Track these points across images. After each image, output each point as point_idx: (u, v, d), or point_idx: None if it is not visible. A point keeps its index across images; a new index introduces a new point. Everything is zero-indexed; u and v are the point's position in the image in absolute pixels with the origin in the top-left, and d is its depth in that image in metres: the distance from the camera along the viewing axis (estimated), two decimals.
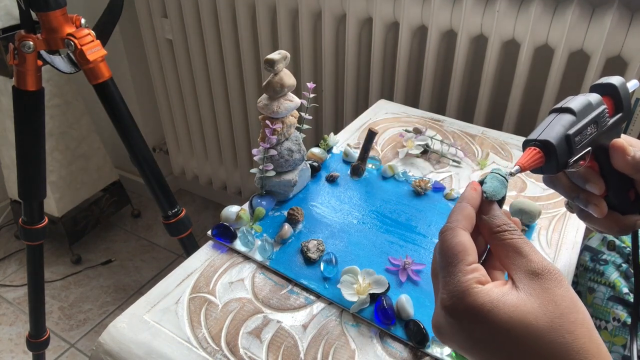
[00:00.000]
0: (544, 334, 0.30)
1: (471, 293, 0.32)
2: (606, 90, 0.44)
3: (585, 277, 0.75)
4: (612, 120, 0.44)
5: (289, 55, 0.63)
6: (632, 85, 0.47)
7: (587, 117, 0.41)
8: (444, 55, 1.20)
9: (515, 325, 0.31)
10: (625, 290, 0.69)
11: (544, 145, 0.39)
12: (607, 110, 0.43)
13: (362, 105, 1.38)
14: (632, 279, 0.70)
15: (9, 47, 0.85)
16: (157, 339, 0.51)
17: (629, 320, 0.67)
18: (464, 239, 0.35)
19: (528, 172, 0.40)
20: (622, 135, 0.47)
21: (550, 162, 0.40)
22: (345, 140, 0.86)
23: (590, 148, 0.42)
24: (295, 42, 1.37)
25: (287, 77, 0.64)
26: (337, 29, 1.29)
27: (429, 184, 0.73)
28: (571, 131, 0.40)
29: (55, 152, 1.63)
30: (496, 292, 0.32)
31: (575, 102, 0.42)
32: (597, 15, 0.96)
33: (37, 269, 1.12)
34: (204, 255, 0.62)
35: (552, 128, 0.40)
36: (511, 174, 0.39)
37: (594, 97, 0.43)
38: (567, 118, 0.41)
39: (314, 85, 0.70)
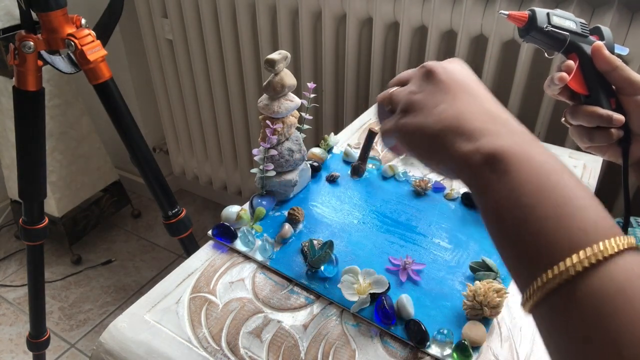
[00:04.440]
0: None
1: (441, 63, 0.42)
2: (595, 32, 0.58)
3: None
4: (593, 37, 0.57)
5: (289, 55, 0.63)
6: (623, 48, 0.59)
7: (569, 16, 0.56)
8: (444, 55, 1.20)
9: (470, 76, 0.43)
10: None
11: (531, 11, 0.54)
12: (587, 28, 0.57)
13: (362, 105, 1.38)
14: None
15: (10, 47, 0.85)
16: (157, 339, 0.51)
17: None
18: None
19: None
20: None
21: (529, 23, 0.54)
22: (346, 140, 0.86)
23: (567, 35, 0.55)
24: (295, 42, 1.37)
25: (288, 77, 0.64)
26: (337, 29, 1.29)
27: (429, 184, 0.73)
28: (551, 11, 0.55)
29: (55, 152, 1.63)
30: None
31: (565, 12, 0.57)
32: (597, 15, 0.96)
33: (37, 269, 1.12)
34: (205, 255, 0.62)
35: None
36: (500, 13, 0.54)
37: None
38: (556, 11, 0.56)
39: (314, 85, 0.70)
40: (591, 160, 0.80)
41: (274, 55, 0.62)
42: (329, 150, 0.82)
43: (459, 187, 0.74)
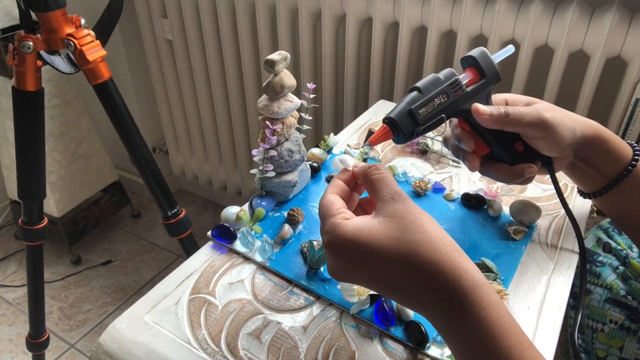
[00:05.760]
0: (397, 238, 0.40)
1: (339, 227, 0.41)
2: (468, 62, 0.53)
3: (581, 279, 0.75)
4: (473, 87, 0.52)
5: (289, 55, 0.63)
6: (505, 50, 0.56)
7: (433, 91, 0.49)
8: (444, 56, 1.20)
9: (375, 239, 0.40)
10: (623, 292, 0.69)
11: (390, 121, 0.47)
12: (466, 80, 0.52)
13: (362, 105, 1.37)
14: (630, 282, 0.70)
15: (9, 48, 0.85)
16: (156, 340, 0.51)
17: (626, 323, 0.67)
18: (330, 197, 0.45)
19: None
20: (497, 96, 0.56)
21: (398, 135, 0.48)
22: (345, 140, 0.86)
23: (443, 115, 0.50)
24: (295, 42, 1.37)
25: (287, 78, 0.63)
26: (337, 29, 1.29)
27: (429, 185, 0.72)
28: (414, 106, 0.47)
29: (55, 152, 1.63)
30: (359, 221, 0.42)
31: (423, 80, 0.50)
32: (597, 16, 0.96)
33: (37, 270, 1.12)
34: (204, 256, 0.62)
35: (399, 106, 0.48)
36: (364, 150, 0.50)
37: (446, 72, 0.51)
38: (413, 95, 0.48)
39: (314, 85, 0.70)
40: None
41: (274, 56, 0.62)
42: (329, 150, 0.82)
43: (458, 188, 0.74)
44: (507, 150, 0.56)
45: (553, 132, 0.53)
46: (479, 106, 0.52)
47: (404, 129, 0.47)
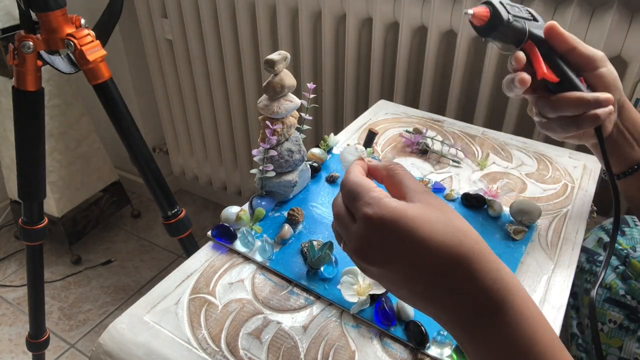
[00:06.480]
0: (446, 224, 0.37)
1: (383, 200, 0.38)
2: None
3: (582, 278, 0.75)
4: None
5: (289, 55, 0.63)
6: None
7: (521, 6, 0.54)
8: (444, 56, 1.20)
9: (426, 222, 0.37)
10: (622, 292, 0.69)
11: (489, 4, 0.51)
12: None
13: (362, 105, 1.37)
14: (629, 281, 0.70)
15: (9, 48, 0.85)
16: (157, 340, 0.51)
17: (625, 323, 0.67)
18: (362, 178, 0.42)
19: (528, 173, 0.42)
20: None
21: (494, 18, 0.51)
22: (346, 140, 0.86)
23: (527, 28, 0.53)
24: (295, 42, 1.37)
25: (288, 78, 0.63)
26: (337, 29, 1.29)
27: (429, 185, 0.73)
28: (503, 1, 0.52)
29: (55, 152, 1.63)
30: (401, 202, 0.38)
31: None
32: (597, 16, 0.96)
33: (37, 269, 1.12)
34: (204, 255, 0.62)
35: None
36: (466, 13, 0.51)
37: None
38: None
39: (314, 85, 0.70)
40: (591, 161, 0.80)
41: (274, 56, 0.62)
42: (329, 150, 0.82)
43: (458, 188, 0.74)
44: (576, 82, 0.55)
45: (609, 65, 0.56)
46: (553, 23, 0.54)
47: (501, 14, 0.50)
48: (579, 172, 0.78)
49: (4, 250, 1.89)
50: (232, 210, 0.65)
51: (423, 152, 0.83)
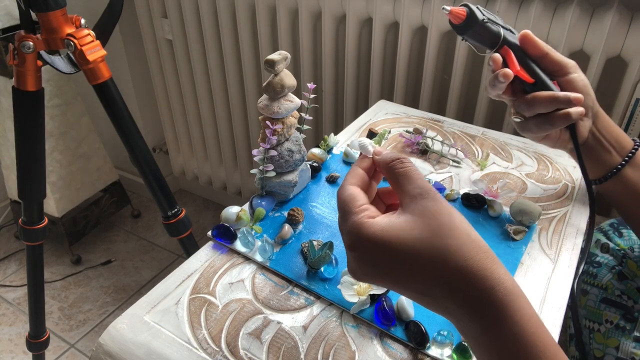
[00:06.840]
0: (427, 243, 0.37)
1: (364, 226, 0.38)
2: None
3: (579, 279, 0.75)
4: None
5: (289, 55, 0.63)
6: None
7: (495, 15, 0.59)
8: (444, 55, 1.20)
9: (403, 242, 0.37)
10: (618, 292, 0.69)
11: (466, 6, 0.56)
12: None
13: (362, 105, 1.37)
14: (625, 281, 0.70)
15: (9, 48, 0.85)
16: (157, 340, 0.51)
17: (622, 323, 0.67)
18: (352, 190, 0.42)
19: (528, 173, 0.43)
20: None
21: (470, 17, 0.55)
22: (346, 140, 0.86)
23: (502, 31, 0.57)
24: (295, 42, 1.37)
25: (288, 78, 0.63)
26: (337, 29, 1.29)
27: None
28: (481, 7, 0.57)
29: (55, 152, 1.63)
30: (385, 220, 0.39)
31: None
32: (597, 16, 0.96)
33: (37, 269, 1.12)
34: (204, 255, 0.62)
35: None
36: (444, 9, 0.55)
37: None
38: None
39: (314, 85, 0.70)
40: None
41: (274, 56, 0.62)
42: (329, 150, 0.82)
43: (459, 188, 0.74)
44: (548, 82, 0.59)
45: (580, 72, 0.60)
46: (528, 31, 0.58)
47: (477, 14, 0.55)
48: (579, 172, 0.78)
49: (4, 250, 1.89)
50: (232, 210, 0.65)
51: (423, 152, 0.83)
